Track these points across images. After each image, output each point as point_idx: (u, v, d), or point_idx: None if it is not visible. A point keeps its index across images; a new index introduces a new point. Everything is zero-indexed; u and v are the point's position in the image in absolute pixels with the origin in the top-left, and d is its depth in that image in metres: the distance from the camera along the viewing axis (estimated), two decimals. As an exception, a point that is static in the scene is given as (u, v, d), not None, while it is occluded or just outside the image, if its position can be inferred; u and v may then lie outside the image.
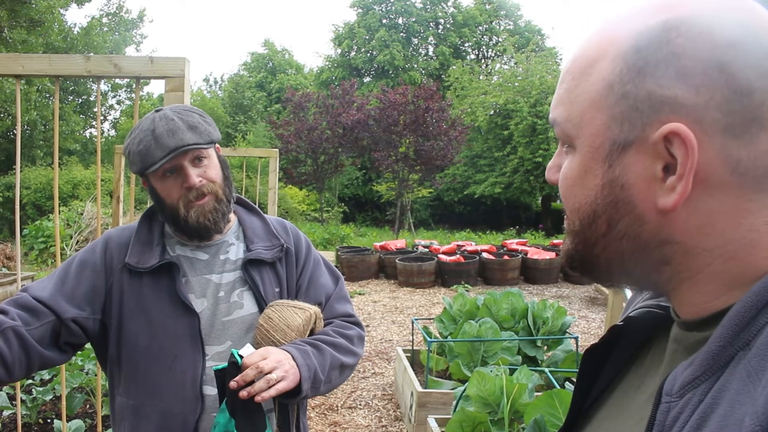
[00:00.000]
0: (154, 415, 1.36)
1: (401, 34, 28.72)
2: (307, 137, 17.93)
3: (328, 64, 30.16)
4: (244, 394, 1.21)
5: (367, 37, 28.53)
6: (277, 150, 5.89)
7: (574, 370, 3.92)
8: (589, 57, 0.53)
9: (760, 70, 0.46)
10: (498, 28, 30.16)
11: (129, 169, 1.49)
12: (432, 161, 16.78)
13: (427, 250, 11.04)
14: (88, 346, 3.92)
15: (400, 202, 17.78)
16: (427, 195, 19.99)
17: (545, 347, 4.53)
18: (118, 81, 22.67)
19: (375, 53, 28.14)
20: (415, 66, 28.82)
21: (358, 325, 1.56)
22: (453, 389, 3.74)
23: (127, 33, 22.12)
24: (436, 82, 19.02)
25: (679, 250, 0.50)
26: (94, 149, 20.70)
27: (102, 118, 23.09)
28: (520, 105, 19.93)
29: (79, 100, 22.05)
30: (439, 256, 10.01)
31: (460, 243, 12.00)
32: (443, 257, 9.85)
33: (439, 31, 29.91)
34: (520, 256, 10.05)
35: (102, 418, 2.69)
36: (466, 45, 30.35)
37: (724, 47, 0.46)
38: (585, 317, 7.45)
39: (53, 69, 1.90)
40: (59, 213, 11.97)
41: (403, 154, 16.67)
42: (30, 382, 3.93)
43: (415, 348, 4.83)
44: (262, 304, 1.44)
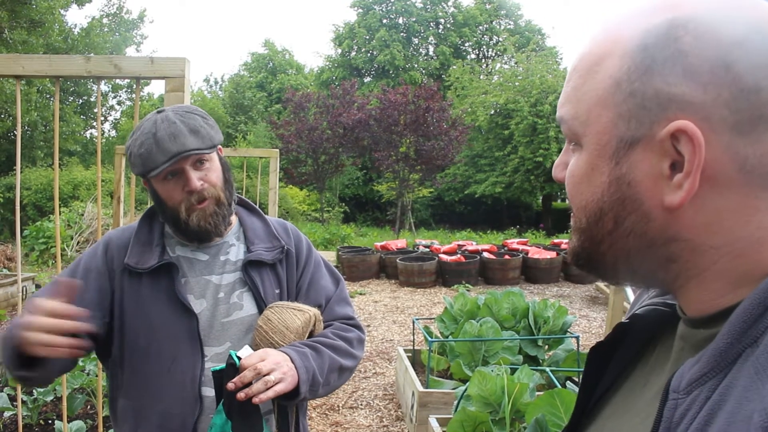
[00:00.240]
0: (154, 416, 1.35)
1: (401, 34, 28.72)
2: (307, 137, 17.93)
3: (328, 64, 30.17)
4: (241, 395, 1.21)
5: (367, 37, 28.53)
6: (277, 150, 5.89)
7: (575, 369, 3.92)
8: (596, 55, 0.53)
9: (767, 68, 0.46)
10: (498, 27, 30.15)
11: (130, 170, 1.49)
12: (432, 161, 16.79)
13: (427, 250, 11.04)
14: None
15: (400, 202, 17.78)
16: (427, 195, 19.99)
17: (546, 347, 4.53)
18: (118, 81, 22.66)
19: (375, 53, 28.14)
20: (416, 66, 28.83)
21: (358, 327, 1.55)
22: (454, 389, 3.74)
23: (128, 33, 22.13)
24: (436, 82, 19.03)
25: (686, 248, 0.50)
26: (95, 150, 20.71)
27: (102, 118, 23.13)
28: (520, 104, 19.93)
29: (80, 100, 22.06)
30: (440, 255, 10.00)
31: (460, 243, 12.00)
32: (444, 257, 9.84)
33: (440, 30, 29.91)
34: (521, 255, 10.04)
35: (103, 419, 2.69)
36: (467, 45, 30.35)
37: (731, 45, 0.46)
38: (586, 316, 7.45)
39: (53, 70, 1.90)
40: (60, 214, 11.98)
41: (404, 153, 16.67)
42: (31, 382, 3.92)
43: (416, 348, 4.83)
44: (261, 305, 1.43)
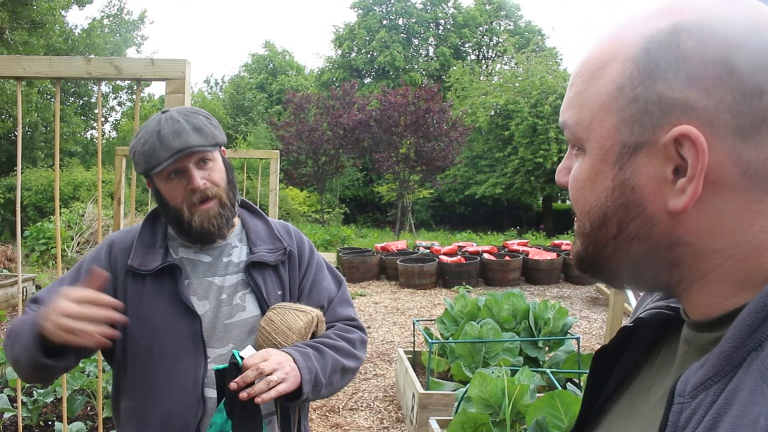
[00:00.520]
0: (156, 417, 1.36)
1: (402, 35, 28.74)
2: (307, 138, 17.93)
3: (328, 65, 30.18)
4: (244, 395, 1.21)
5: (367, 38, 28.55)
6: (277, 151, 5.90)
7: (575, 371, 3.92)
8: (599, 60, 0.53)
9: None
10: (498, 28, 30.16)
11: (134, 170, 1.49)
12: (433, 162, 16.79)
13: (428, 251, 11.04)
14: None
15: (401, 203, 17.78)
16: (427, 196, 19.98)
17: (547, 348, 4.53)
18: (119, 83, 22.68)
19: (375, 54, 28.14)
20: (416, 67, 28.84)
21: (360, 328, 1.55)
22: (454, 390, 3.74)
23: (128, 34, 22.14)
24: (436, 83, 19.06)
25: (690, 252, 0.50)
26: (95, 151, 20.69)
27: (103, 119, 23.13)
28: (520, 105, 19.93)
29: (80, 101, 22.07)
30: (440, 257, 9.99)
31: (461, 244, 12.00)
32: (444, 258, 9.84)
33: (440, 31, 29.93)
34: (522, 256, 10.03)
35: (103, 420, 2.69)
36: (467, 46, 30.36)
37: (733, 49, 0.46)
38: (586, 318, 7.44)
39: (54, 71, 1.90)
40: (60, 215, 11.97)
41: (404, 155, 16.68)
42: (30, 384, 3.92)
43: (416, 349, 4.83)
44: (264, 306, 1.43)
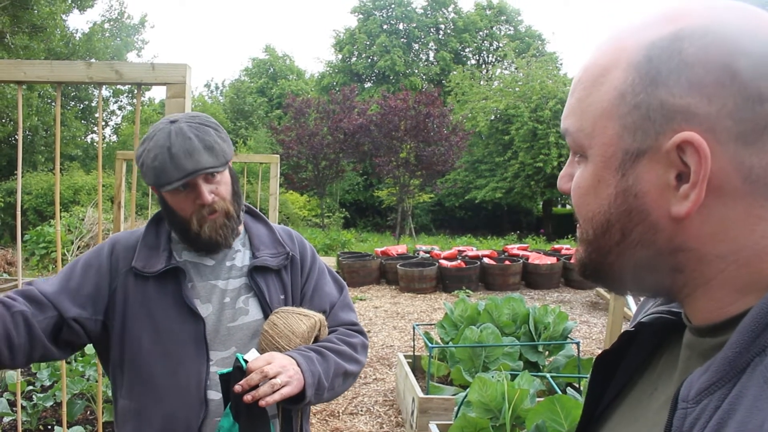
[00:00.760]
0: (157, 418, 1.36)
1: (402, 40, 28.81)
2: (308, 143, 17.96)
3: (329, 69, 30.27)
4: (248, 398, 1.21)
5: (368, 42, 28.62)
6: (278, 155, 5.89)
7: (575, 375, 3.91)
8: (601, 67, 0.53)
9: None
10: (498, 33, 30.26)
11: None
12: (433, 166, 16.81)
13: (428, 256, 11.04)
14: (90, 351, 3.93)
15: (401, 208, 17.79)
16: (428, 200, 20.00)
17: (547, 352, 4.52)
18: (119, 87, 22.72)
19: (376, 59, 28.21)
20: (416, 71, 28.92)
21: (361, 333, 1.56)
22: (454, 395, 3.73)
23: (129, 38, 22.22)
24: (436, 88, 19.10)
25: (693, 257, 0.51)
26: (96, 155, 20.73)
27: (103, 123, 23.13)
28: (520, 110, 19.97)
29: (81, 105, 22.12)
30: (440, 261, 9.99)
31: (461, 248, 12.00)
32: (444, 262, 9.83)
33: (440, 36, 30.01)
34: (522, 261, 10.04)
35: (102, 424, 2.68)
36: (467, 50, 30.44)
37: (735, 56, 0.47)
38: (586, 322, 7.44)
39: (55, 75, 1.91)
40: (60, 218, 11.96)
41: (404, 159, 16.70)
42: (30, 388, 3.92)
43: (416, 354, 4.82)
44: (267, 310, 1.44)
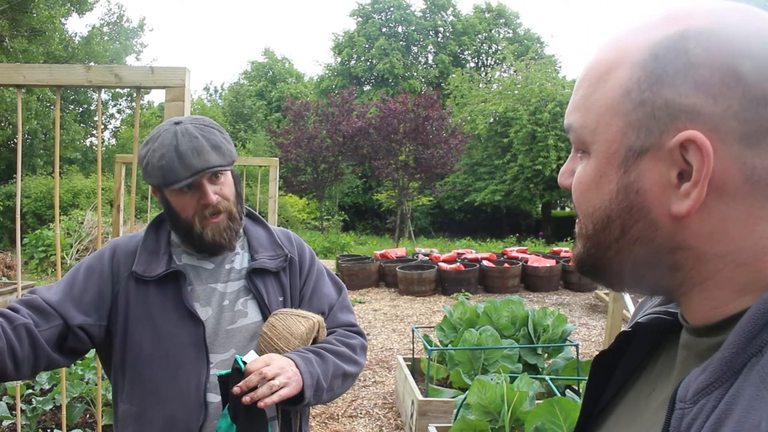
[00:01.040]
0: (157, 421, 1.36)
1: (401, 43, 28.84)
2: (307, 146, 17.97)
3: (328, 72, 30.29)
4: (247, 399, 1.22)
5: (366, 45, 28.65)
6: (277, 159, 5.91)
7: (574, 377, 3.91)
8: (606, 64, 0.53)
9: None
10: (497, 36, 30.30)
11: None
12: (432, 169, 16.82)
13: (427, 258, 11.04)
14: (89, 354, 3.93)
15: (400, 210, 17.79)
16: (427, 203, 20.01)
17: (546, 355, 4.52)
18: (118, 90, 22.73)
19: (375, 62, 28.24)
20: (415, 74, 28.94)
21: (360, 334, 1.56)
22: (454, 397, 3.73)
23: (128, 42, 22.20)
24: (435, 91, 19.11)
25: (691, 256, 0.51)
26: (95, 158, 20.73)
27: (102, 127, 23.15)
28: (519, 113, 19.99)
29: (80, 109, 22.11)
30: (440, 264, 9.99)
31: (460, 251, 11.99)
32: (443, 265, 9.83)
33: (439, 39, 30.04)
34: (521, 263, 10.03)
35: (102, 427, 2.68)
36: (466, 53, 30.48)
37: (741, 57, 0.47)
38: (585, 325, 7.44)
39: (54, 79, 1.91)
40: (59, 222, 11.97)
41: (403, 162, 16.71)
42: (30, 391, 3.91)
43: (415, 356, 4.82)
44: (265, 312, 1.44)
